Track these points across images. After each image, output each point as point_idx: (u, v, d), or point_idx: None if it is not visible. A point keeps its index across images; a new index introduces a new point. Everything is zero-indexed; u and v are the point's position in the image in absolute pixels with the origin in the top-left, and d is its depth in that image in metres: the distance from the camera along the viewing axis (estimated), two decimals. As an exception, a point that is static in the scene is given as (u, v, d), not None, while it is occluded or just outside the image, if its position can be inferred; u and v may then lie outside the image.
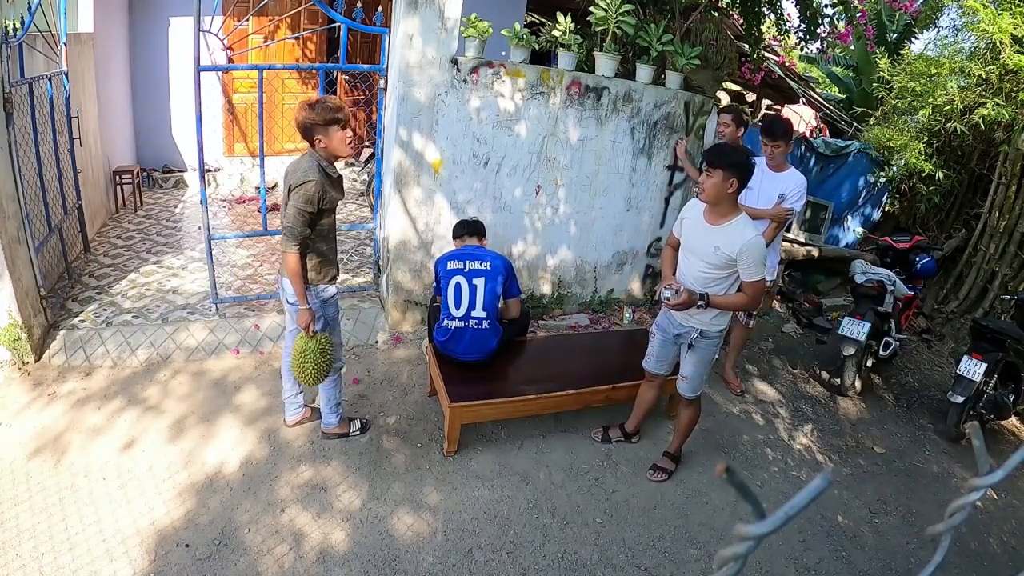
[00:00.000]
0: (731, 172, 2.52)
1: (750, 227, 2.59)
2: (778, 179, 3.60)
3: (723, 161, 2.52)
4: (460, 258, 3.21)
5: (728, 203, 2.60)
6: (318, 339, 2.74)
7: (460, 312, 3.17)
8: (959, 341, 5.12)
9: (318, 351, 2.72)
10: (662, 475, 3.16)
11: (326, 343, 2.77)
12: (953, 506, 0.59)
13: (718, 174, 2.52)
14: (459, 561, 2.55)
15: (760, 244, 2.55)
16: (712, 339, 2.82)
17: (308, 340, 2.71)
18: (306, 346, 2.71)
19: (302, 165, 2.63)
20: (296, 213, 2.56)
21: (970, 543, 3.01)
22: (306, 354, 2.70)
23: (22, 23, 3.60)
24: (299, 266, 2.61)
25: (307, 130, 2.59)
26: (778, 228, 3.57)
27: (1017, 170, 5.15)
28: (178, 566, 2.38)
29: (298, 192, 2.56)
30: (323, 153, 2.64)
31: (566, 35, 4.04)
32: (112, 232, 5.45)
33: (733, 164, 2.52)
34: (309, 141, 2.63)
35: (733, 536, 0.48)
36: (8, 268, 3.26)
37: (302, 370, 2.73)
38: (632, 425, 3.35)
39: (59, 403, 3.23)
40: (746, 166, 2.56)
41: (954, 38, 5.96)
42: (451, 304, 3.18)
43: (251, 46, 6.26)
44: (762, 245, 2.56)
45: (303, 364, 2.71)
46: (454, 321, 3.19)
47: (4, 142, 3.22)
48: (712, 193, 2.56)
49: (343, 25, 3.77)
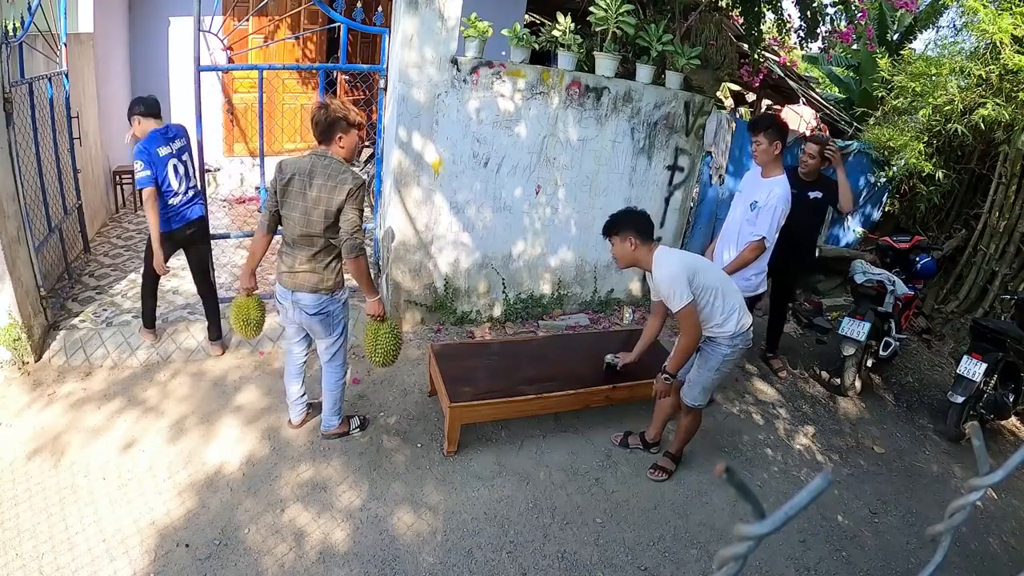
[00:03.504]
0: (624, 234, 2.64)
1: (659, 266, 2.65)
2: (760, 185, 3.36)
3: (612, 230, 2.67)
4: (166, 142, 3.34)
5: (643, 256, 2.68)
6: (390, 323, 2.86)
7: (182, 188, 3.42)
8: (959, 341, 5.12)
9: (391, 334, 2.85)
10: (662, 474, 3.16)
11: (398, 327, 2.90)
12: (953, 506, 0.59)
13: (616, 241, 2.69)
14: (459, 561, 2.55)
15: (663, 279, 2.60)
16: (720, 346, 2.77)
17: (381, 325, 2.84)
18: (379, 330, 2.84)
19: (340, 166, 2.51)
20: (359, 216, 2.54)
21: (970, 543, 3.01)
22: (379, 337, 2.83)
23: (22, 23, 3.60)
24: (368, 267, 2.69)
25: (331, 127, 2.49)
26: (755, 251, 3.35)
27: (1017, 170, 5.15)
28: (178, 566, 2.38)
29: (360, 194, 2.51)
30: (340, 154, 2.55)
31: (566, 35, 4.04)
32: (112, 232, 5.45)
33: (622, 227, 2.65)
34: (328, 140, 2.53)
35: (733, 536, 0.48)
36: (8, 268, 3.25)
37: (376, 352, 2.86)
38: (652, 434, 3.30)
39: (59, 403, 3.23)
40: (633, 221, 2.65)
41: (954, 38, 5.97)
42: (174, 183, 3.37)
43: (251, 46, 6.26)
44: (667, 279, 2.59)
45: (376, 347, 2.85)
46: (177, 197, 3.40)
47: (4, 142, 3.22)
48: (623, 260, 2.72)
49: (343, 25, 3.77)
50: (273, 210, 2.62)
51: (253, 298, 2.84)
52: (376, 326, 2.85)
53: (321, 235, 2.56)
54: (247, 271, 2.78)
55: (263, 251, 2.74)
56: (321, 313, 2.71)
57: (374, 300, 2.77)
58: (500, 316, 4.57)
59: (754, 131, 3.35)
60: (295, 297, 2.68)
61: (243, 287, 2.80)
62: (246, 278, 2.79)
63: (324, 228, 2.54)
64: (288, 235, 2.63)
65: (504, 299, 4.53)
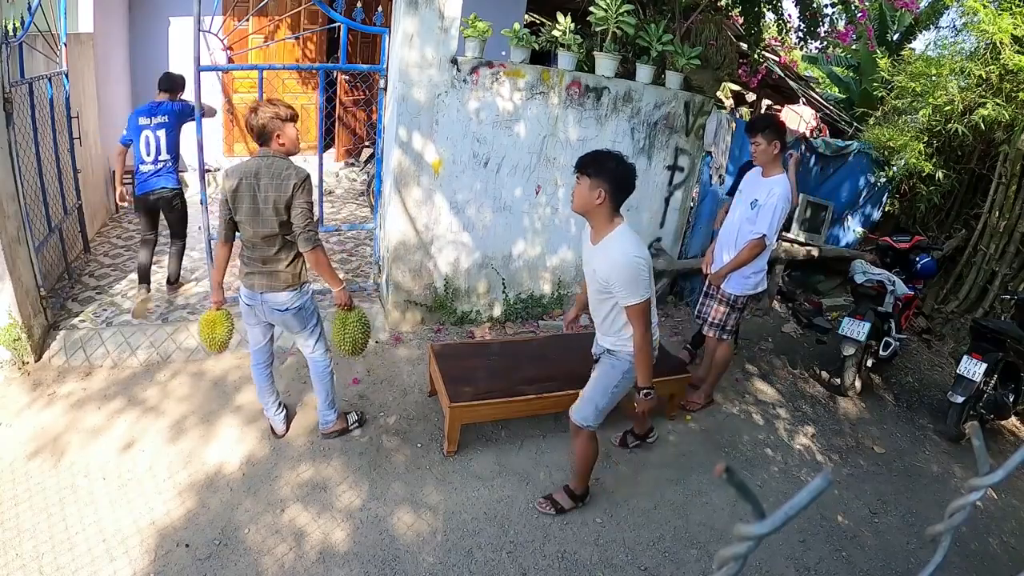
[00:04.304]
0: (599, 180, 2.22)
1: (622, 243, 2.26)
2: (761, 184, 3.36)
3: (588, 168, 2.24)
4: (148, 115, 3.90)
5: (601, 217, 2.29)
6: (357, 312, 2.87)
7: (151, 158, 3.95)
8: (959, 341, 5.12)
9: (359, 323, 2.86)
10: (549, 507, 2.81)
11: (365, 316, 2.90)
12: (953, 506, 0.59)
13: (584, 181, 2.25)
14: (459, 561, 2.55)
15: (629, 264, 2.21)
16: (620, 362, 2.48)
17: (348, 314, 2.85)
18: (347, 319, 2.84)
19: (283, 163, 2.59)
20: (309, 208, 2.60)
21: (970, 543, 3.01)
22: (347, 327, 2.84)
23: (22, 23, 3.60)
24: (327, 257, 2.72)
25: (264, 129, 2.56)
26: (754, 249, 3.33)
27: (1017, 170, 5.15)
28: (178, 566, 2.38)
29: (306, 186, 2.58)
30: (281, 151, 2.61)
31: (566, 35, 4.04)
32: (112, 232, 5.45)
33: (601, 171, 2.22)
34: (266, 142, 2.59)
35: (733, 536, 0.48)
36: (8, 268, 3.25)
37: (344, 342, 2.87)
38: (638, 427, 3.31)
39: (59, 403, 3.23)
40: (616, 173, 2.22)
41: (954, 38, 5.97)
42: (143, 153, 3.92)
43: (251, 46, 6.26)
44: (632, 265, 2.21)
45: (344, 336, 2.85)
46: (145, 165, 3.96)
47: (4, 142, 3.22)
48: (578, 203, 2.29)
49: (343, 25, 3.77)
50: (227, 218, 2.68)
51: (222, 312, 2.87)
52: (344, 315, 2.86)
53: (277, 233, 2.62)
54: (214, 284, 2.86)
55: (226, 261, 2.82)
56: (293, 308, 2.77)
57: (339, 290, 2.79)
58: (500, 316, 4.57)
59: (752, 132, 3.36)
60: (264, 298, 2.73)
61: (213, 300, 2.87)
62: (215, 291, 2.86)
63: (279, 225, 2.60)
64: (247, 239, 2.68)
65: (504, 299, 4.53)
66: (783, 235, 5.72)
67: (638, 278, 2.23)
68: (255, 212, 2.58)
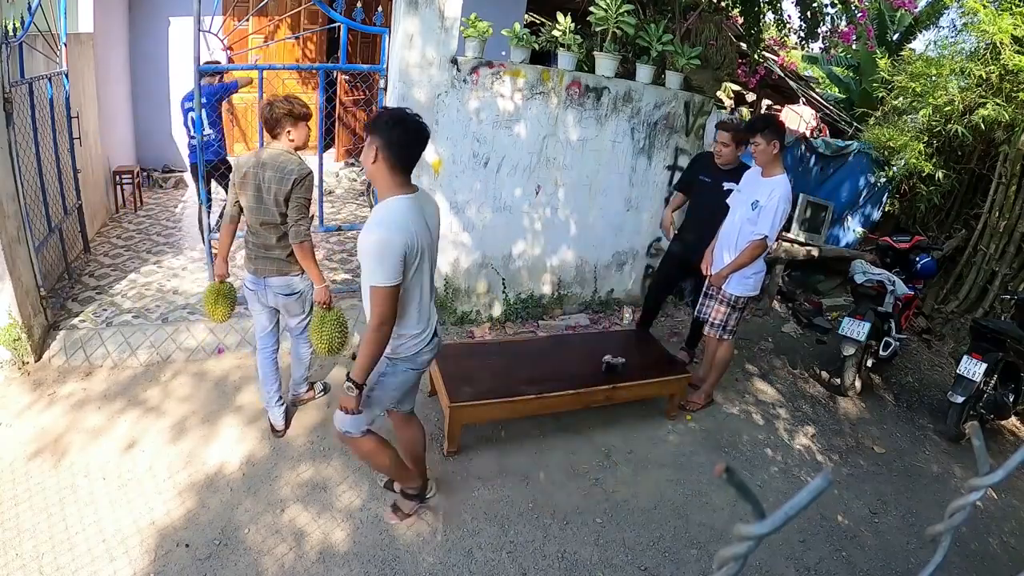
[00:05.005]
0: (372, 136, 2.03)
1: (377, 216, 2.04)
2: (761, 184, 3.34)
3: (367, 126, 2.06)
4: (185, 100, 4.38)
5: (380, 183, 2.10)
6: (335, 312, 2.89)
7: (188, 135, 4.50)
8: (959, 341, 5.12)
9: (336, 322, 2.86)
10: (396, 518, 2.69)
11: (343, 316, 2.93)
12: (953, 506, 0.59)
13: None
14: (459, 561, 2.55)
15: (375, 240, 1.96)
16: (397, 366, 2.25)
17: (327, 313, 2.86)
18: (325, 318, 2.85)
19: (289, 158, 2.69)
20: (306, 204, 2.68)
21: (970, 543, 3.01)
22: (324, 325, 2.85)
23: (22, 23, 3.60)
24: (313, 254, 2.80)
25: (277, 123, 2.67)
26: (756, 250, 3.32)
27: (1017, 170, 5.15)
28: (178, 566, 2.38)
29: (306, 183, 2.68)
30: (290, 146, 2.72)
31: (566, 35, 4.04)
32: (112, 232, 5.44)
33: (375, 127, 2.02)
34: (277, 135, 2.71)
35: (733, 536, 0.48)
36: (8, 268, 3.25)
37: (321, 341, 2.87)
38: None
39: (59, 403, 3.23)
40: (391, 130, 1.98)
41: (954, 38, 5.96)
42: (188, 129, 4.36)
43: (251, 46, 6.26)
44: (377, 242, 1.96)
45: (321, 335, 2.85)
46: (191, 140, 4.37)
47: (4, 142, 3.22)
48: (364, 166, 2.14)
49: (343, 25, 3.77)
50: (235, 201, 2.80)
51: (225, 284, 3.01)
52: (322, 314, 2.87)
53: (278, 223, 2.72)
54: (220, 258, 2.96)
55: (231, 238, 2.92)
56: (294, 293, 2.90)
57: (321, 287, 2.84)
58: (500, 316, 4.57)
59: (751, 132, 3.35)
60: (268, 283, 2.86)
61: (217, 273, 2.98)
62: (220, 265, 2.97)
63: (279, 216, 2.70)
64: (250, 225, 2.80)
65: (504, 299, 4.53)
66: (783, 235, 5.72)
67: (383, 258, 1.94)
68: (258, 200, 2.69)
